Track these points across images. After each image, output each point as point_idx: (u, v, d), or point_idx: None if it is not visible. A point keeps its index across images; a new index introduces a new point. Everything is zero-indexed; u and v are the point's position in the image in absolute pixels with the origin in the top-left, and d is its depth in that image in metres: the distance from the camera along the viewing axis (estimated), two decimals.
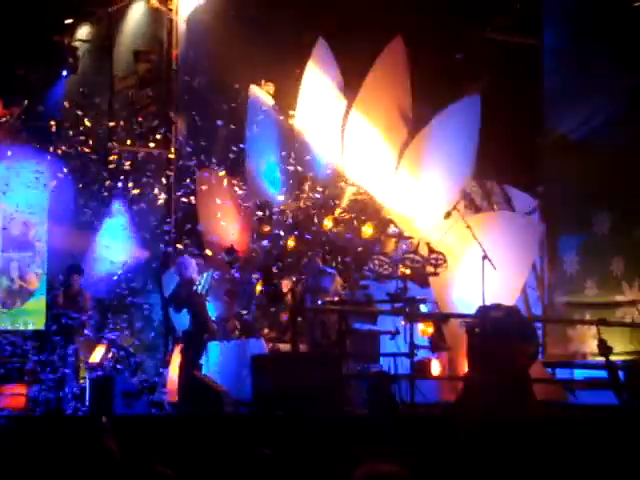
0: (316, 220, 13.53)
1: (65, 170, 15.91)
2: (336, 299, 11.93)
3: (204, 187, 14.97)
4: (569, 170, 13.12)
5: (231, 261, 13.86)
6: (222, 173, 14.87)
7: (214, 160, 15.03)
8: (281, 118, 14.59)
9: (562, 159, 13.32)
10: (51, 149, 16.43)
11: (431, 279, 12.07)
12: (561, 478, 7.27)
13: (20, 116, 17.13)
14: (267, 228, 14.30)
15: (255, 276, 13.79)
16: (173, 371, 13.31)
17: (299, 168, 14.01)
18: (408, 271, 11.83)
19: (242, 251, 14.40)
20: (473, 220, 12.04)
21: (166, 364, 14.29)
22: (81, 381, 13.86)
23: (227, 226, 14.77)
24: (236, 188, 14.83)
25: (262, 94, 14.73)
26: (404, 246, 12.48)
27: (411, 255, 11.94)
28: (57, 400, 13.12)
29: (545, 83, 13.62)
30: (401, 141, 13.16)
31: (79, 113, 16.00)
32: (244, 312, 13.73)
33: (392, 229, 12.85)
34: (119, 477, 6.33)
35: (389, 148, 13.14)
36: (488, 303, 10.27)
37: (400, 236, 12.70)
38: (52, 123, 16.49)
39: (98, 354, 14.11)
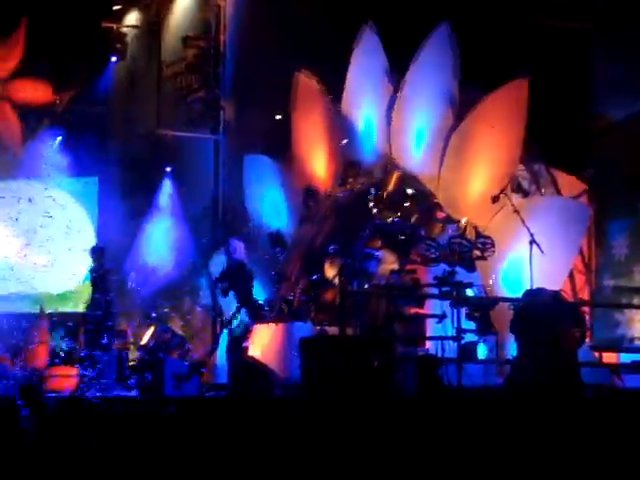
0: (363, 205, 13.55)
1: (114, 154, 16.11)
2: (383, 283, 11.97)
3: (252, 172, 15.07)
4: (618, 154, 13.05)
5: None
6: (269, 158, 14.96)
7: (261, 145, 15.09)
8: (328, 103, 14.61)
9: (611, 143, 13.25)
10: (100, 134, 16.67)
11: (478, 263, 12.07)
12: (609, 460, 7.30)
13: (70, 102, 17.34)
14: (314, 213, 14.37)
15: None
16: (220, 353, 13.48)
17: (346, 153, 14.04)
18: (455, 255, 11.84)
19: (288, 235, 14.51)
20: (521, 204, 12.03)
21: (214, 346, 14.46)
22: (131, 363, 14.06)
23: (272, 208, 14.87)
24: (283, 173, 14.92)
25: (309, 79, 14.77)
26: (451, 230, 12.48)
27: (458, 239, 11.95)
28: (106, 382, 13.28)
29: (595, 67, 13.55)
30: (448, 125, 13.15)
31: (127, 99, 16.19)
32: (291, 295, 13.82)
33: (439, 213, 12.87)
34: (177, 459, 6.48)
35: (436, 132, 13.14)
36: (535, 287, 10.28)
37: (447, 220, 12.71)
38: (101, 108, 16.72)
39: (147, 336, 14.30)
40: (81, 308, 16.82)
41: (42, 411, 8.46)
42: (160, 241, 15.89)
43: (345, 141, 13.91)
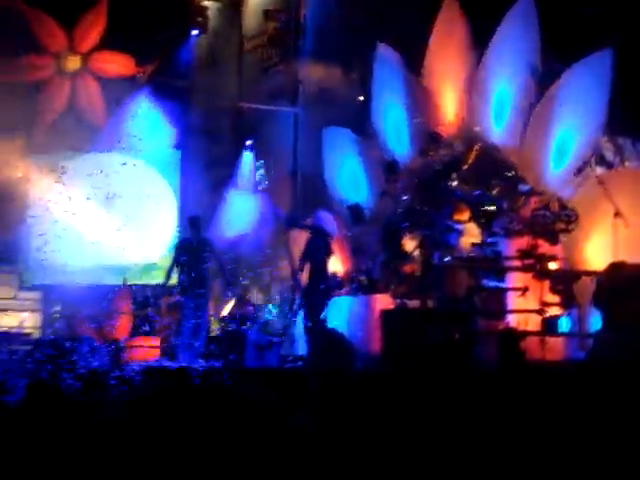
0: (444, 177, 13.49)
1: (196, 127, 16.24)
2: (464, 256, 11.92)
3: (331, 145, 15.08)
4: None
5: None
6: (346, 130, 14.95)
7: (341, 117, 15.08)
8: (409, 76, 14.55)
9: None
10: (181, 107, 16.81)
11: (562, 236, 11.95)
12: None
13: (152, 74, 17.49)
14: (393, 186, 14.34)
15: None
16: (299, 325, 13.57)
17: (426, 125, 13.98)
18: (539, 228, 11.73)
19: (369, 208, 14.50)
20: (605, 176, 11.88)
21: (293, 318, 14.55)
22: (212, 334, 14.20)
23: (351, 182, 14.88)
24: (363, 145, 14.91)
25: (389, 51, 14.70)
26: (534, 202, 12.36)
27: (542, 211, 11.84)
28: (188, 353, 13.42)
29: None
30: (530, 97, 13.01)
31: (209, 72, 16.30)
32: (370, 268, 13.83)
33: (522, 185, 12.75)
34: (259, 429, 6.53)
35: (518, 104, 13.01)
36: (619, 260, 10.16)
37: (530, 192, 12.59)
38: (183, 81, 16.85)
39: (229, 308, 14.43)
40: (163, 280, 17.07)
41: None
42: (240, 213, 15.99)
43: (418, 120, 13.85)
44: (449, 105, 14.13)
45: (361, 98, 14.75)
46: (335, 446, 6.89)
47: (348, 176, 14.87)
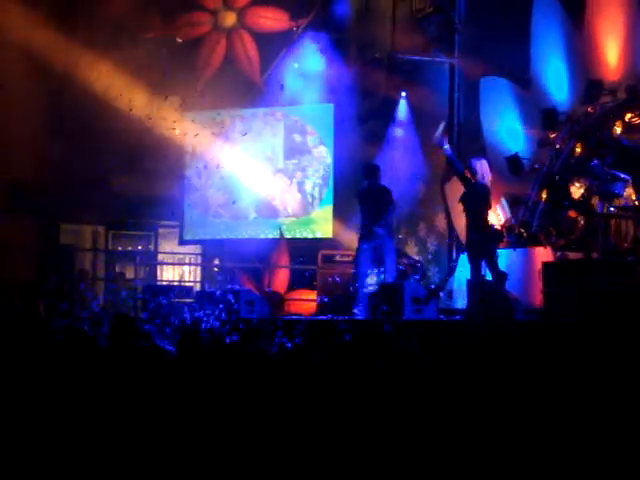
0: (606, 126, 13.09)
1: (350, 80, 16.19)
2: (630, 205, 11.54)
3: (488, 94, 14.82)
4: None
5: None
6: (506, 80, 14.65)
7: (498, 66, 14.77)
8: (569, 22, 14.14)
9: None
10: (335, 60, 16.77)
11: None
12: None
13: (306, 28, 17.50)
14: (553, 134, 14.00)
15: None
16: (457, 278, 13.44)
17: (587, 71, 13.57)
18: None
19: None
20: None
21: (451, 272, 14.43)
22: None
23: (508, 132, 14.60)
24: (521, 94, 14.59)
25: None
26: None
27: None
28: (342, 305, 13.43)
29: None
30: None
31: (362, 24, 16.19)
32: (529, 220, 13.58)
33: None
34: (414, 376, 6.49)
35: None
36: None
37: None
38: (337, 35, 16.80)
39: None
40: (319, 233, 17.18)
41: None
42: (396, 167, 15.88)
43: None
44: (611, 52, 13.66)
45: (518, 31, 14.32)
46: (497, 398, 6.79)
47: (506, 126, 14.59)
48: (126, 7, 16.71)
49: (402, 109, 16.37)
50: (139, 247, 19.15)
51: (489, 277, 11.54)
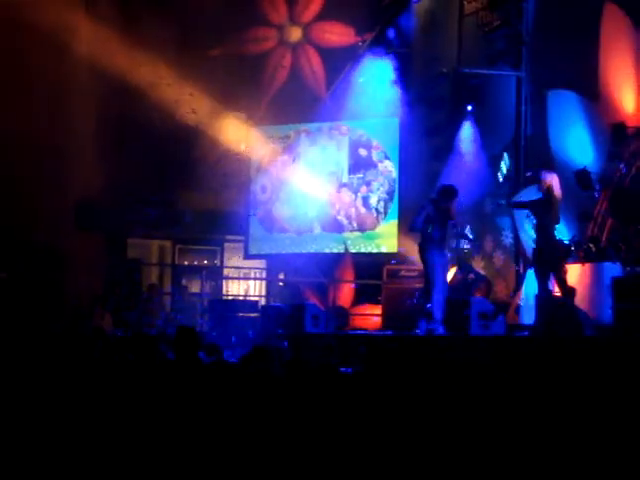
0: None
1: (415, 94, 16.15)
2: None
3: (556, 107, 14.65)
4: None
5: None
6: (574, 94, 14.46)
7: (566, 79, 14.60)
8: (637, 35, 13.92)
9: None
10: (400, 75, 16.74)
11: None
12: None
13: (371, 43, 17.49)
14: (623, 150, 13.80)
15: None
16: (525, 293, 13.28)
17: None
18: None
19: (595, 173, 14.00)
20: None
21: (517, 286, 14.27)
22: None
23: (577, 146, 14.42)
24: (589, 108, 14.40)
25: (617, 10, 14.12)
26: None
27: None
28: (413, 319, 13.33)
29: None
30: None
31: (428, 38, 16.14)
32: (598, 235, 13.38)
33: None
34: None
35: None
36: None
37: None
38: (401, 49, 16.76)
39: (450, 275, 14.28)
40: (384, 248, 17.12)
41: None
42: (462, 180, 15.77)
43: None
44: None
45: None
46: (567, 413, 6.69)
47: (574, 140, 14.40)
48: (191, 24, 16.87)
49: (468, 123, 16.25)
50: (205, 261, 19.27)
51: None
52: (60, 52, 16.00)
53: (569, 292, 11.13)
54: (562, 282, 11.08)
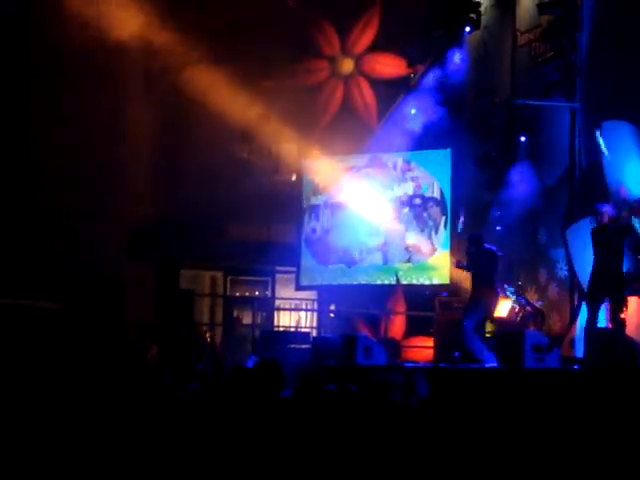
0: None
1: (468, 126, 16.07)
2: None
3: (611, 139, 14.48)
4: None
5: None
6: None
7: (622, 111, 14.46)
8: None
9: None
10: (453, 106, 16.69)
11: None
12: None
13: (424, 74, 17.48)
14: None
15: None
16: (580, 326, 13.11)
17: None
18: None
19: None
20: None
21: (572, 319, 14.09)
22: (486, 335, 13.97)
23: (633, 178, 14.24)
24: None
25: None
26: None
27: None
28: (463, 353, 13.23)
29: None
30: None
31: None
32: None
33: None
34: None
35: None
36: None
37: None
38: (455, 80, 16.72)
39: (505, 308, 14.15)
40: (436, 280, 17.00)
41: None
42: (514, 212, 15.68)
43: None
44: None
45: None
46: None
47: (630, 171, 14.23)
48: (246, 57, 16.97)
49: (521, 154, 16.14)
50: (256, 292, 19.28)
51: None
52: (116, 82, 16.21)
53: (621, 324, 11.01)
54: (617, 314, 10.94)
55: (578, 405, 9.31)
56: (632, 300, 12.35)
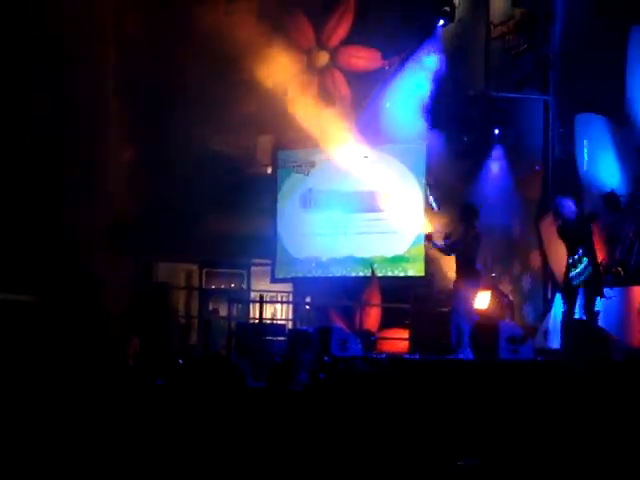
0: None
1: (443, 118, 16.18)
2: None
3: (583, 131, 14.61)
4: None
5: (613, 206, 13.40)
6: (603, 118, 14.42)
7: (594, 103, 14.56)
8: None
9: None
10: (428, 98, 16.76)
11: None
12: None
13: (398, 67, 17.52)
14: None
15: None
16: (553, 317, 13.22)
17: None
18: None
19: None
20: None
21: (546, 310, 14.21)
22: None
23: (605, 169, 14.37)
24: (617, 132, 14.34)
25: None
26: None
27: None
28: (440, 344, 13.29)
29: None
30: None
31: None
32: (626, 259, 13.30)
33: None
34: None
35: None
36: None
37: None
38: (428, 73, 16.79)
39: (482, 300, 14.22)
40: (411, 272, 17.07)
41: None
42: (490, 204, 15.75)
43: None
44: None
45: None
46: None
47: (602, 163, 14.36)
48: (218, 50, 16.93)
49: (496, 147, 16.25)
50: (232, 285, 19.30)
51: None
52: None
53: (594, 316, 11.14)
54: (592, 306, 11.07)
55: (551, 396, 9.39)
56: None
